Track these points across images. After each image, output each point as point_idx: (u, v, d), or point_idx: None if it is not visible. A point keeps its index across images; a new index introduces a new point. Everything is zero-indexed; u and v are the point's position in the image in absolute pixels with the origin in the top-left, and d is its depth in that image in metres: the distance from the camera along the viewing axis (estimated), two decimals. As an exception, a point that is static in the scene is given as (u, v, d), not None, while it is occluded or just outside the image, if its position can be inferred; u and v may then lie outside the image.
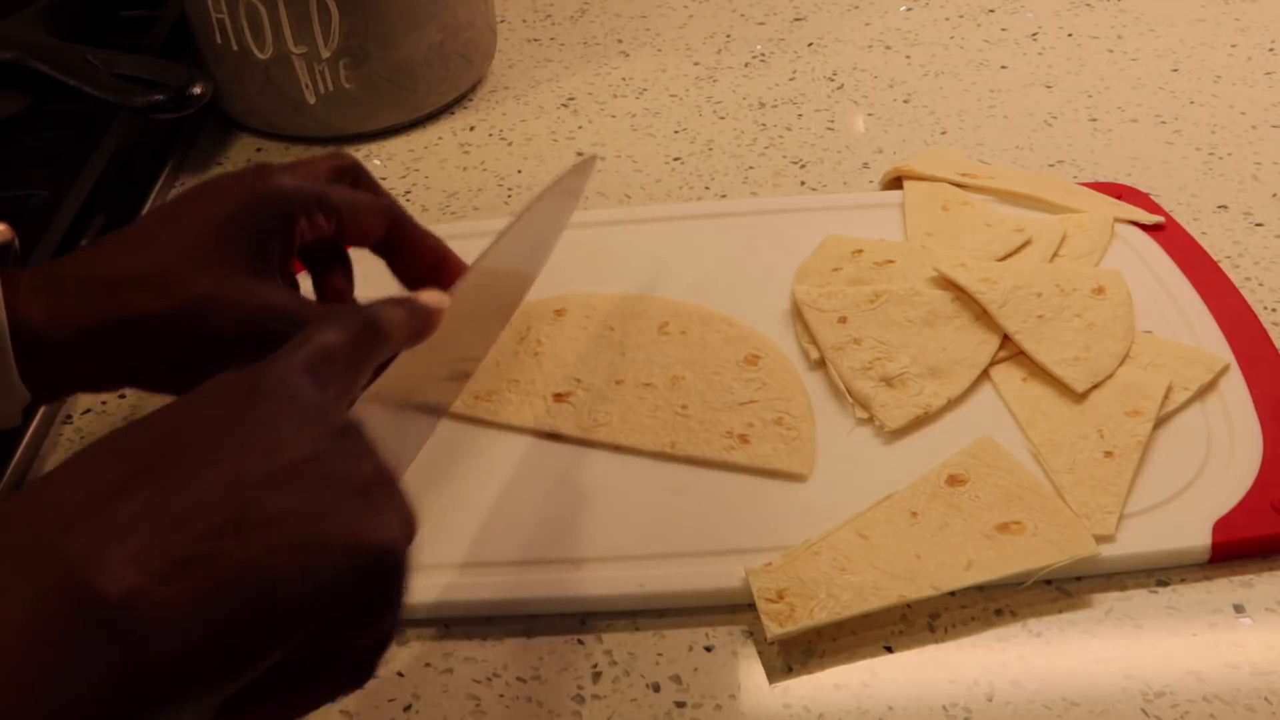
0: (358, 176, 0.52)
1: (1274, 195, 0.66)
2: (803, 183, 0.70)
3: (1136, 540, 0.46)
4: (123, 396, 0.59)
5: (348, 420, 0.34)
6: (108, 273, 0.45)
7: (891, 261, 0.60)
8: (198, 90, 0.69)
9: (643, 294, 0.60)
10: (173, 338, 0.45)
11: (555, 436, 0.53)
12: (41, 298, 0.44)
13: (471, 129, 0.78)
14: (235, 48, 0.73)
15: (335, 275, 0.53)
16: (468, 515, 0.49)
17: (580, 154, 0.51)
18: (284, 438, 0.31)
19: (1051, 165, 0.70)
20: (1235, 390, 0.52)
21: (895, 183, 0.68)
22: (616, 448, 0.52)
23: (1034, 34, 0.84)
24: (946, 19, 0.86)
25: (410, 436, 0.45)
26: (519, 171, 0.73)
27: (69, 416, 0.58)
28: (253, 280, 0.46)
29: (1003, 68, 0.80)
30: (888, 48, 0.83)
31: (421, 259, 0.53)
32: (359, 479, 0.32)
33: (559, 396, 0.54)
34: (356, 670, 0.33)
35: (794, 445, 0.51)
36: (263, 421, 0.31)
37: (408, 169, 0.74)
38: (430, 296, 0.42)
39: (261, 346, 0.47)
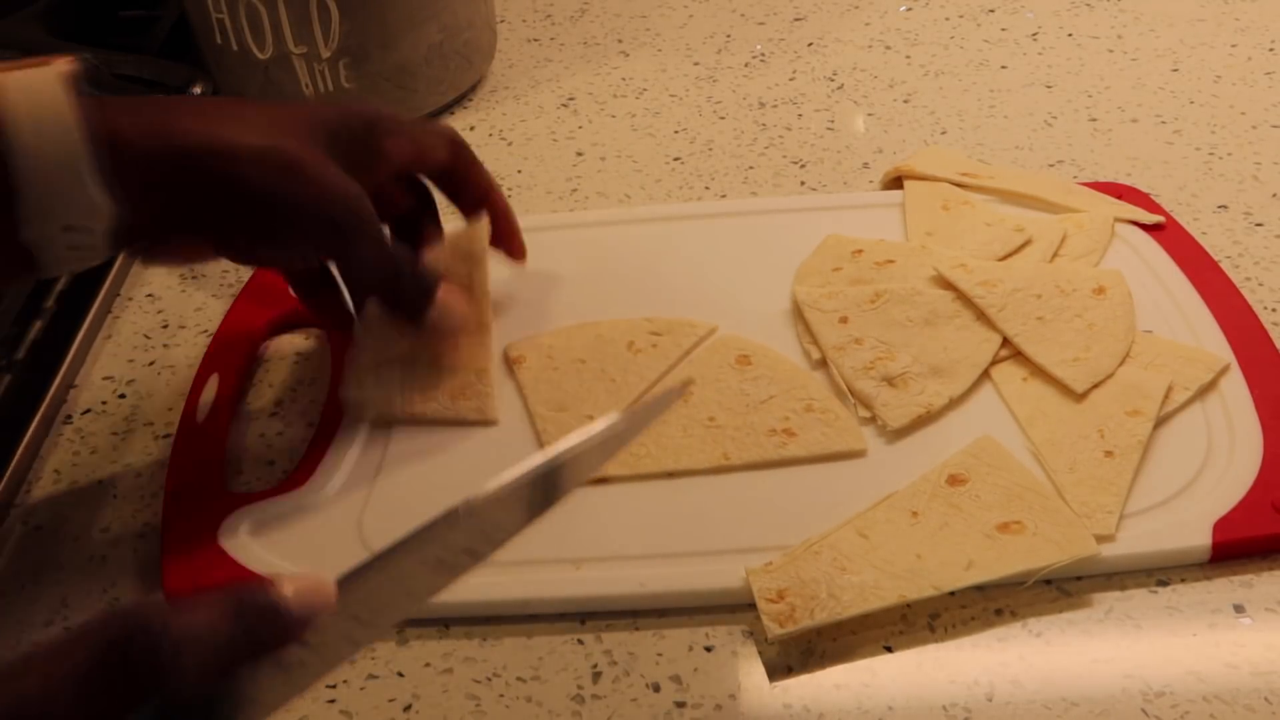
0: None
1: (1274, 195, 0.66)
2: (803, 183, 0.70)
3: (1137, 540, 0.46)
4: (123, 396, 0.59)
5: None
6: (218, 106, 0.48)
7: (892, 261, 0.60)
8: (198, 90, 0.69)
9: (583, 322, 0.58)
10: (261, 183, 0.47)
11: (604, 480, 0.50)
12: (136, 112, 0.45)
13: (471, 129, 0.78)
14: (235, 48, 0.73)
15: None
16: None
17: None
18: None
19: (1051, 165, 0.70)
20: (1235, 390, 0.52)
21: (895, 183, 0.68)
22: (670, 475, 0.50)
23: (1034, 34, 0.84)
24: (946, 19, 0.86)
25: None
26: (519, 171, 0.73)
27: (69, 417, 0.58)
28: (340, 169, 0.49)
29: (1003, 68, 0.80)
30: (888, 48, 0.83)
31: (476, 189, 0.57)
32: None
33: None
34: None
35: (838, 426, 0.51)
36: None
37: (408, 169, 0.74)
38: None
39: (319, 234, 0.49)
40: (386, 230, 0.53)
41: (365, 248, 0.50)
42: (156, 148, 0.45)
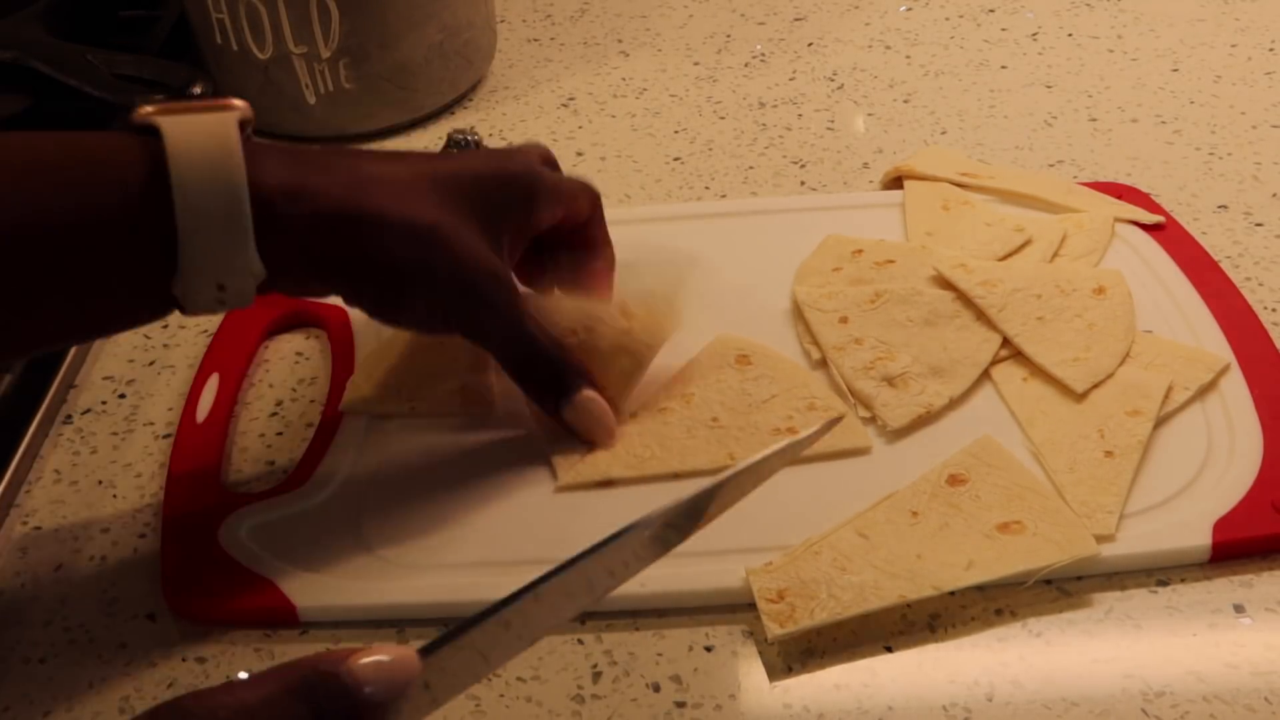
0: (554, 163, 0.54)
1: (1274, 195, 0.66)
2: (803, 183, 0.70)
3: (1137, 540, 0.46)
4: (123, 396, 0.59)
5: None
6: (358, 168, 0.46)
7: (892, 261, 0.60)
8: (198, 90, 0.69)
9: None
10: (397, 254, 0.46)
11: (609, 484, 0.50)
12: (282, 171, 0.44)
13: (471, 129, 0.78)
14: (235, 48, 0.73)
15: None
16: (469, 515, 0.49)
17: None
18: None
19: (1051, 165, 0.70)
20: (1235, 390, 0.52)
21: (895, 183, 0.68)
22: (676, 476, 0.50)
23: (1034, 34, 0.84)
24: (946, 19, 0.86)
25: None
26: (519, 171, 0.73)
27: (69, 417, 0.58)
28: (484, 239, 0.48)
29: (1003, 68, 0.80)
30: (888, 48, 0.83)
31: (601, 243, 0.55)
32: None
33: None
34: None
35: (842, 424, 0.51)
36: None
37: (408, 169, 0.74)
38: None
39: (451, 306, 0.48)
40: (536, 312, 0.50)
41: (499, 325, 0.49)
42: (299, 215, 0.44)
